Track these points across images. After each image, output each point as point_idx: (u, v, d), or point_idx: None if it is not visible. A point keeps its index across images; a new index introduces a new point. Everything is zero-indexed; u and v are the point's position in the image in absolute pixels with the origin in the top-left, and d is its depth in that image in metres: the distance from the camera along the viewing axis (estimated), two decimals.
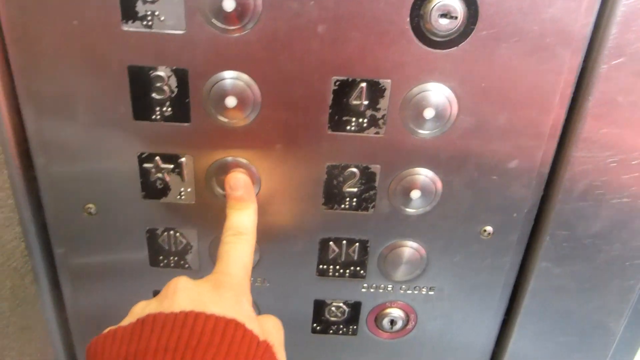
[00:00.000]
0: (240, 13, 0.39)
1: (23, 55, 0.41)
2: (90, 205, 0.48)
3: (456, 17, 0.39)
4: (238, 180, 0.44)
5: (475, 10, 0.39)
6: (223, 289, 0.37)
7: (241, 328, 0.34)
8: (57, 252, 0.51)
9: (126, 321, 0.36)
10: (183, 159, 0.45)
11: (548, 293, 0.51)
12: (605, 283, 0.50)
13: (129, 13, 0.40)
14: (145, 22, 0.40)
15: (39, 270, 0.51)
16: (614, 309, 0.51)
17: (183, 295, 0.35)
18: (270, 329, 0.39)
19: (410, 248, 0.49)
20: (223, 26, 0.40)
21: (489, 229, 0.48)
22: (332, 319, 0.53)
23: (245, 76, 0.42)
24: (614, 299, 0.51)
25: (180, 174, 0.46)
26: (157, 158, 0.45)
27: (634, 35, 0.39)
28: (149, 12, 0.40)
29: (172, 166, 0.46)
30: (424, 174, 0.45)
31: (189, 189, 0.47)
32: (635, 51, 0.40)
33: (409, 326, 0.53)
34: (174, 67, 0.42)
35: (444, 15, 0.39)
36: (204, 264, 0.51)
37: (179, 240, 0.50)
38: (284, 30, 0.40)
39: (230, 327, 0.34)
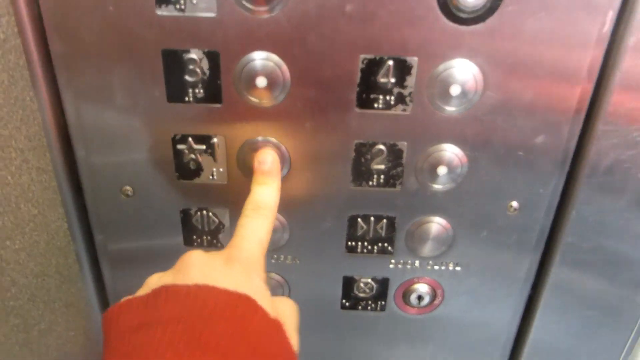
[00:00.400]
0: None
1: (62, 43, 0.43)
2: (128, 188, 0.50)
3: None
4: (267, 155, 0.45)
5: None
6: (234, 263, 0.38)
7: (252, 303, 0.35)
8: (97, 237, 0.53)
9: (142, 291, 0.37)
10: (215, 140, 0.47)
11: (574, 267, 0.51)
12: (631, 257, 0.50)
13: None
14: (178, 6, 0.41)
15: (81, 251, 0.53)
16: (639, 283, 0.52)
17: (196, 268, 0.36)
18: (284, 310, 0.39)
19: (437, 224, 0.50)
20: (253, 7, 0.41)
21: (515, 204, 0.49)
22: (361, 295, 0.55)
23: (274, 57, 0.43)
24: None
25: (212, 154, 0.48)
26: (190, 139, 0.47)
27: None
28: None
29: (204, 147, 0.47)
30: (450, 150, 0.46)
31: (221, 169, 0.48)
32: None
33: (436, 302, 0.54)
34: (206, 50, 0.43)
35: None
36: None
37: (211, 220, 0.51)
38: (312, 10, 0.41)
39: (242, 302, 0.35)
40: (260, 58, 0.43)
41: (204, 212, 0.51)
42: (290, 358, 0.37)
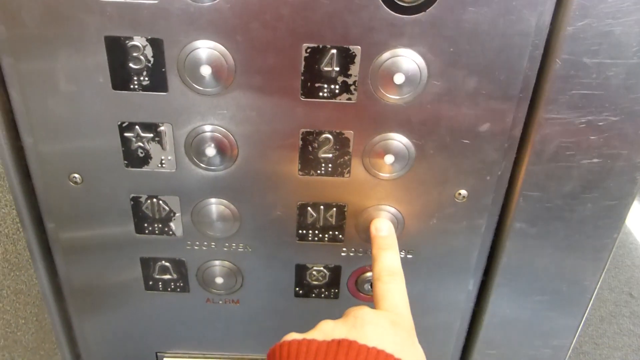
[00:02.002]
0: None
1: (4, 28, 0.44)
2: (76, 175, 0.51)
3: None
4: (383, 223, 0.50)
5: None
6: (400, 329, 0.42)
7: None
8: (48, 225, 0.54)
9: (317, 335, 0.41)
10: (162, 128, 0.48)
11: (524, 253, 0.53)
12: (579, 242, 0.52)
13: None
14: None
15: (31, 239, 0.54)
16: (588, 268, 0.54)
17: (370, 328, 0.41)
18: None
19: (386, 212, 0.51)
20: None
21: (463, 192, 0.50)
22: (314, 282, 0.56)
23: (218, 45, 0.44)
24: (588, 258, 0.53)
25: (160, 142, 0.49)
26: (137, 127, 0.48)
27: None
28: None
29: (152, 135, 0.48)
30: (396, 139, 0.47)
31: (169, 157, 0.49)
32: (599, 12, 0.41)
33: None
34: (149, 37, 0.44)
35: None
36: (187, 231, 0.53)
37: (162, 207, 0.52)
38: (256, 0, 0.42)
39: None
40: (204, 46, 0.44)
41: (154, 199, 0.52)
42: None
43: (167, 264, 0.56)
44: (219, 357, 0.63)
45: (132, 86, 0.46)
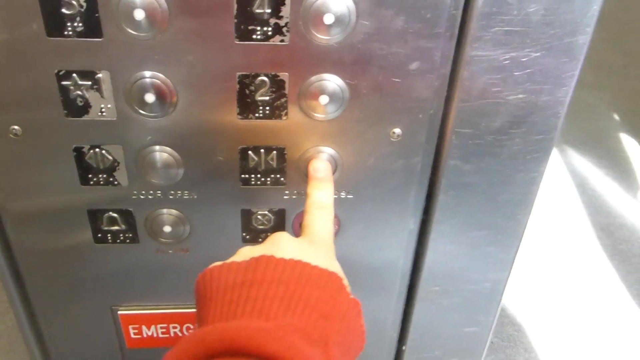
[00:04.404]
0: None
1: None
2: (15, 127, 0.52)
3: None
4: (320, 163, 0.53)
5: None
6: (319, 246, 0.46)
7: (339, 281, 0.43)
8: None
9: (237, 258, 0.44)
10: (100, 75, 0.50)
11: (460, 190, 0.57)
12: (510, 177, 0.56)
13: None
14: None
15: None
16: (521, 201, 0.58)
17: (288, 246, 0.44)
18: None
19: (325, 153, 0.54)
20: None
21: (397, 131, 0.53)
22: (260, 227, 0.59)
23: None
24: (520, 192, 0.57)
25: (99, 90, 0.50)
26: (75, 75, 0.49)
27: None
28: None
29: (90, 82, 0.50)
30: (330, 80, 0.50)
31: (109, 105, 0.51)
32: None
33: (334, 230, 0.59)
34: None
35: None
36: (133, 180, 0.55)
37: (105, 157, 0.54)
38: None
39: (331, 279, 0.42)
40: None
41: (97, 149, 0.54)
42: (363, 336, 0.45)
43: (115, 214, 0.58)
44: (173, 306, 0.66)
45: (66, 32, 0.47)
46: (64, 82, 0.50)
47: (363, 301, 0.61)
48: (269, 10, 0.47)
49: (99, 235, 0.59)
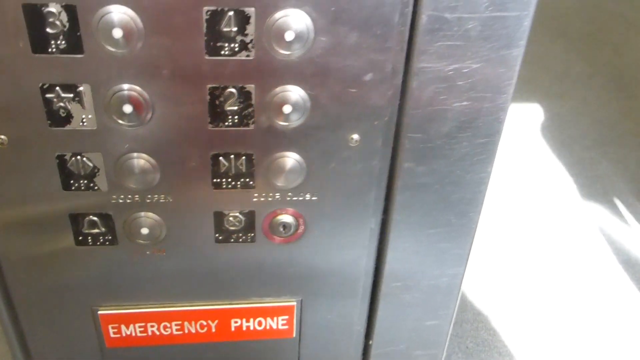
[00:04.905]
0: None
1: None
2: (2, 136, 0.57)
3: None
4: None
5: None
6: None
7: None
8: None
9: None
10: (81, 88, 0.54)
11: (415, 190, 0.63)
12: (460, 177, 0.62)
13: None
14: None
15: None
16: (471, 200, 0.64)
17: None
18: None
19: (290, 158, 0.59)
20: None
21: (355, 136, 0.59)
22: (232, 228, 0.64)
23: (128, 10, 0.51)
24: (470, 191, 0.63)
25: (80, 102, 0.55)
26: (58, 88, 0.54)
27: None
28: None
29: (72, 95, 0.55)
30: (293, 91, 0.55)
31: (89, 116, 0.56)
32: None
33: (300, 230, 0.65)
34: (63, 3, 0.50)
35: None
36: (112, 185, 0.60)
37: (86, 164, 0.59)
38: None
39: None
40: (115, 11, 0.51)
41: (79, 157, 0.58)
42: None
43: (95, 218, 0.62)
44: (151, 305, 0.70)
45: (50, 49, 0.52)
46: (47, 95, 0.54)
47: (331, 299, 0.67)
48: (235, 29, 0.52)
49: (80, 238, 0.64)
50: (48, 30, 0.51)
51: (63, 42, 0.52)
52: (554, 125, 2.61)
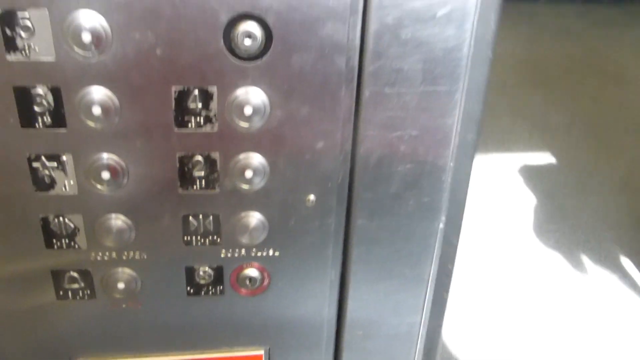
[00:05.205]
0: (97, 43, 0.56)
1: None
2: None
3: (257, 38, 0.57)
4: None
5: (269, 32, 0.57)
6: None
7: None
8: None
9: None
10: (64, 158, 0.61)
11: (369, 244, 0.69)
12: (409, 233, 0.69)
13: (10, 46, 0.56)
14: (23, 53, 0.56)
15: None
16: (422, 253, 0.70)
17: None
18: None
19: (253, 217, 0.66)
20: (84, 53, 0.56)
21: (312, 197, 0.66)
22: (202, 282, 0.70)
23: (107, 91, 0.58)
24: (419, 245, 0.70)
25: (63, 169, 0.62)
26: (43, 158, 0.61)
27: (385, 44, 0.58)
28: (25, 45, 0.56)
29: (56, 164, 0.61)
30: (253, 157, 0.62)
31: (71, 182, 0.63)
32: (389, 54, 0.59)
33: (265, 283, 0.70)
34: (50, 86, 0.58)
35: (248, 37, 0.57)
36: (91, 243, 0.66)
37: (68, 225, 0.65)
38: (132, 54, 0.57)
39: None
40: (95, 92, 0.58)
41: (61, 218, 0.65)
42: None
43: (75, 274, 0.68)
44: (127, 356, 0.75)
45: (37, 125, 0.59)
46: (34, 164, 0.61)
47: (297, 347, 0.72)
48: (200, 105, 0.60)
49: (61, 292, 0.69)
50: (35, 108, 0.58)
51: (48, 118, 0.59)
52: (534, 174, 2.70)
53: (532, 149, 2.82)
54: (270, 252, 0.69)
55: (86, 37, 0.56)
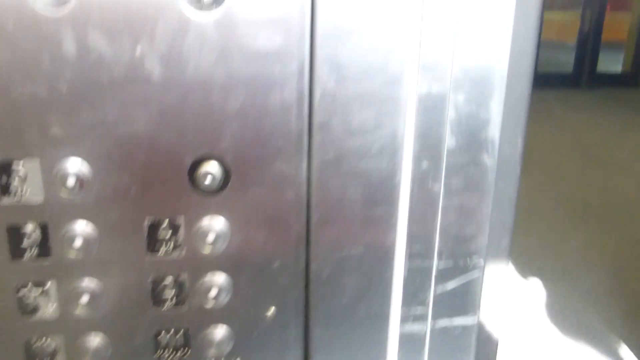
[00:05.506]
0: (81, 185, 0.66)
1: None
2: None
3: (216, 176, 0.66)
4: None
5: (228, 170, 0.67)
6: None
7: None
8: None
9: None
10: (49, 284, 0.69)
11: (329, 348, 0.75)
12: (366, 338, 0.75)
13: (5, 191, 0.65)
14: (15, 196, 0.65)
15: None
16: (379, 357, 0.76)
17: None
18: None
19: (219, 330, 0.73)
20: (69, 194, 0.66)
21: (272, 310, 0.73)
22: None
23: (88, 223, 0.67)
24: (374, 350, 0.76)
25: (47, 295, 0.70)
26: (30, 284, 0.69)
27: (327, 177, 0.68)
28: (18, 189, 0.65)
29: (41, 289, 0.69)
30: (217, 276, 0.71)
31: (54, 305, 0.70)
32: (332, 185, 0.68)
33: None
34: (38, 222, 0.67)
35: (209, 175, 0.67)
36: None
37: (49, 345, 0.72)
38: (111, 193, 0.66)
39: None
40: (77, 228, 0.67)
41: (43, 339, 0.72)
42: None
43: None
44: None
45: (26, 255, 0.68)
46: (21, 291, 0.69)
47: None
48: (169, 233, 0.68)
49: None
50: (25, 241, 0.67)
51: (36, 249, 0.68)
52: (521, 259, 2.75)
53: (517, 235, 2.90)
54: None
55: (72, 181, 0.66)
